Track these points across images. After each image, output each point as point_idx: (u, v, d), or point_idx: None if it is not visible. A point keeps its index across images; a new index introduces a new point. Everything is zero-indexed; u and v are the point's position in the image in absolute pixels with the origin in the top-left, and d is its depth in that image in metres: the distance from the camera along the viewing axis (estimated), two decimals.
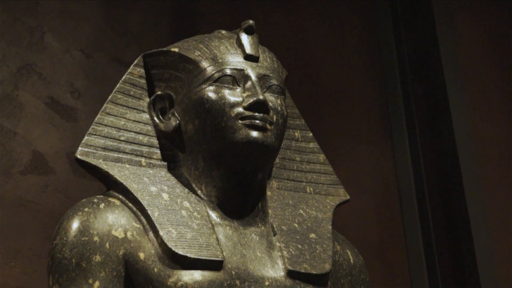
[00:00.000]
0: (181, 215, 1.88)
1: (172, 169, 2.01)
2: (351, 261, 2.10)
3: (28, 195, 2.78)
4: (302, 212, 2.07)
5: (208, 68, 1.97)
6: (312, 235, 2.01)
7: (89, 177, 2.10)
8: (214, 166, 1.95)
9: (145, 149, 2.02)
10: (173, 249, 1.80)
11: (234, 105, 1.93)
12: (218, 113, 1.93)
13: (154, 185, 1.94)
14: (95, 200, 1.90)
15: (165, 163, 2.02)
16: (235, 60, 1.98)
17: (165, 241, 1.81)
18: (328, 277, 1.96)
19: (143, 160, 2.01)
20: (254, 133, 1.91)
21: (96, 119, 2.00)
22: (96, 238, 1.82)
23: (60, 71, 2.99)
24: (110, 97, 2.04)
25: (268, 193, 2.07)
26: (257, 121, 1.91)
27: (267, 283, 1.85)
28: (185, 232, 1.84)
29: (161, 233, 1.82)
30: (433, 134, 3.62)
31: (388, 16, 3.85)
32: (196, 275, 1.79)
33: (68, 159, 2.87)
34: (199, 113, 1.95)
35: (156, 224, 1.84)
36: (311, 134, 2.26)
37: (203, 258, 1.80)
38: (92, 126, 1.99)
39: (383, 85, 3.75)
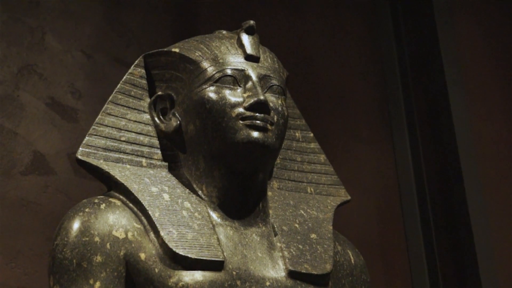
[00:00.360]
0: (182, 216, 1.88)
1: (173, 169, 2.01)
2: (352, 261, 2.10)
3: (29, 195, 2.77)
4: (303, 212, 2.07)
5: (209, 68, 1.97)
6: (313, 236, 2.01)
7: (89, 177, 2.10)
8: (215, 166, 1.95)
9: (146, 150, 2.02)
10: (174, 249, 1.80)
11: (235, 105, 1.93)
12: (218, 114, 1.93)
13: (155, 186, 1.94)
14: (96, 201, 1.89)
15: (166, 164, 2.02)
16: (235, 61, 1.98)
17: (166, 242, 1.81)
18: (329, 277, 1.96)
19: (144, 160, 2.01)
20: (255, 134, 1.90)
21: (96, 119, 2.00)
22: (97, 239, 1.82)
23: (61, 71, 2.98)
24: (110, 97, 2.03)
25: (269, 193, 2.06)
26: (258, 122, 1.91)
27: (268, 283, 1.85)
28: (186, 233, 1.84)
29: (162, 233, 1.82)
30: (433, 134, 3.62)
31: (388, 16, 3.85)
32: (197, 275, 1.79)
33: (69, 159, 2.86)
34: (200, 114, 1.95)
35: (157, 225, 1.84)
36: (312, 135, 2.26)
37: (204, 258, 1.80)
38: (93, 127, 1.99)
39: (383, 85, 3.74)
